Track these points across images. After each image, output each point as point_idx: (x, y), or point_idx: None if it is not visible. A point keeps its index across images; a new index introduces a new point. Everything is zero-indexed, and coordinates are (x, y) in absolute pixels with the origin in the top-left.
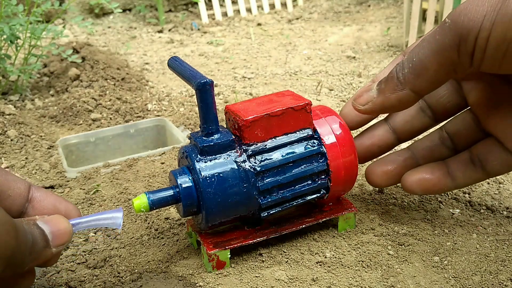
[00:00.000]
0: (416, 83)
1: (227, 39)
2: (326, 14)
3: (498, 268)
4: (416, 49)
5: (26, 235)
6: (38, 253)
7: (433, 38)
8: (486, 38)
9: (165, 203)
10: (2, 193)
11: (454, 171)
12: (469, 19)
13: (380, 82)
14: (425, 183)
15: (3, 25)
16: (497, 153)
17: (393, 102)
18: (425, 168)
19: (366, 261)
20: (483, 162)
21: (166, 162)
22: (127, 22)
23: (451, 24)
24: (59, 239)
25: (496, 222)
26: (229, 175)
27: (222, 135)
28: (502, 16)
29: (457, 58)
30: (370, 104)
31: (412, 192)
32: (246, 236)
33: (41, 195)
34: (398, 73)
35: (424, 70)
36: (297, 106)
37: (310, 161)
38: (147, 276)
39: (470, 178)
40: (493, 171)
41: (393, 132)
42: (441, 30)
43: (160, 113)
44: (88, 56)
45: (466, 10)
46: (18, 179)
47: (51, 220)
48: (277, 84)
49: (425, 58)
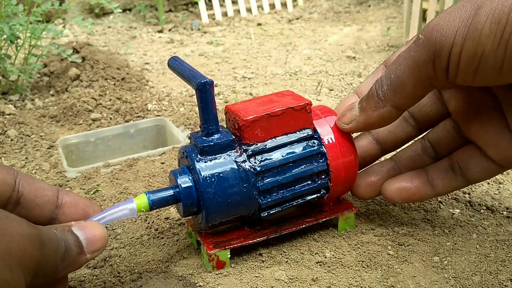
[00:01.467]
0: (395, 99)
1: (227, 39)
2: (326, 14)
3: (498, 268)
4: (393, 66)
5: (58, 243)
6: (71, 260)
7: (408, 55)
8: (459, 53)
9: (165, 203)
10: (30, 202)
11: (434, 179)
12: (442, 35)
13: (361, 100)
14: (404, 192)
15: (3, 25)
16: (477, 160)
17: (376, 119)
18: (404, 177)
19: (366, 261)
20: (463, 169)
21: (166, 162)
22: (127, 22)
23: (425, 40)
24: (94, 245)
25: (496, 222)
26: (229, 175)
27: (222, 135)
28: (472, 32)
29: (433, 73)
30: (354, 123)
31: (392, 202)
32: (246, 236)
33: (70, 200)
34: (377, 90)
35: (402, 86)
36: (297, 106)
37: (310, 161)
38: (147, 276)
39: (450, 185)
40: (473, 178)
41: (376, 143)
42: (415, 46)
43: (160, 113)
44: (88, 56)
45: (438, 26)
46: (45, 186)
47: (86, 226)
48: (277, 84)
49: (402, 75)
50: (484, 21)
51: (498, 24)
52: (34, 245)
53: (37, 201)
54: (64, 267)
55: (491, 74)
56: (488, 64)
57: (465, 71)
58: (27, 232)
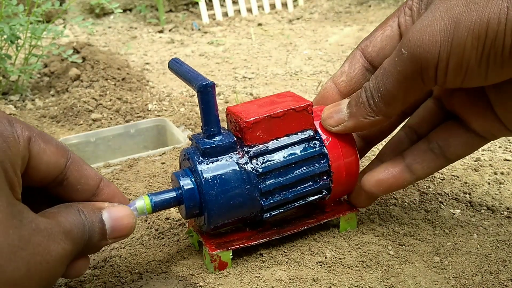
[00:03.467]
0: (388, 110)
1: (228, 39)
2: (326, 14)
3: (499, 268)
4: (380, 78)
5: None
6: (91, 245)
7: (394, 69)
8: (445, 67)
9: (168, 205)
10: (72, 187)
11: (412, 164)
12: (425, 50)
13: (350, 105)
14: (382, 184)
15: (4, 25)
16: (459, 134)
17: (366, 126)
18: (380, 169)
19: (366, 261)
20: (443, 147)
21: (167, 162)
22: (128, 22)
23: (409, 55)
24: (117, 232)
25: (496, 223)
26: (231, 177)
27: (224, 137)
28: (456, 47)
29: (422, 83)
30: (341, 126)
31: (373, 195)
32: (248, 237)
33: (108, 192)
34: (368, 100)
35: (393, 99)
36: (298, 108)
37: (311, 162)
38: (148, 276)
39: (429, 167)
40: (455, 154)
41: (362, 139)
42: (400, 61)
43: (161, 113)
44: (88, 56)
45: (420, 41)
46: (91, 175)
47: (117, 214)
48: (277, 84)
49: (392, 88)
50: (465, 36)
51: (479, 39)
52: (64, 264)
53: (78, 187)
54: (84, 251)
55: (477, 81)
56: (474, 74)
57: (453, 81)
58: (61, 254)
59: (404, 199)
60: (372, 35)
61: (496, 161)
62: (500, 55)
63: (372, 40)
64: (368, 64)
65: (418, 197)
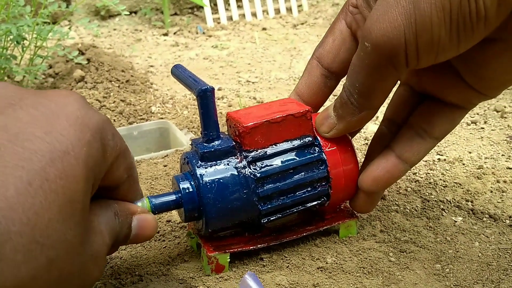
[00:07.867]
0: (370, 103)
1: (232, 43)
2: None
3: (500, 277)
4: (353, 75)
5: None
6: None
7: (363, 63)
8: (415, 49)
9: (167, 208)
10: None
11: (403, 154)
12: (389, 38)
13: (336, 108)
14: (380, 181)
15: (11, 26)
16: (439, 112)
17: (356, 124)
18: (373, 166)
19: (367, 267)
20: (428, 128)
21: (169, 165)
22: (133, 24)
23: (373, 47)
24: (137, 240)
25: (498, 231)
26: (229, 181)
27: (223, 141)
28: (422, 25)
29: (394, 70)
30: (334, 130)
31: (373, 192)
32: (247, 242)
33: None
34: (349, 98)
35: (370, 91)
36: (297, 113)
37: (310, 168)
38: (148, 278)
39: (420, 151)
40: (441, 132)
41: None
42: (366, 55)
43: (164, 115)
44: (93, 57)
45: (382, 30)
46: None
47: (145, 223)
48: (281, 89)
49: (366, 82)
50: (429, 12)
51: (444, 11)
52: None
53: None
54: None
55: (451, 53)
56: (446, 47)
57: (426, 59)
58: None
59: (406, 205)
60: (324, 42)
61: (498, 169)
62: (469, 20)
63: (326, 48)
64: (326, 71)
65: (420, 204)
